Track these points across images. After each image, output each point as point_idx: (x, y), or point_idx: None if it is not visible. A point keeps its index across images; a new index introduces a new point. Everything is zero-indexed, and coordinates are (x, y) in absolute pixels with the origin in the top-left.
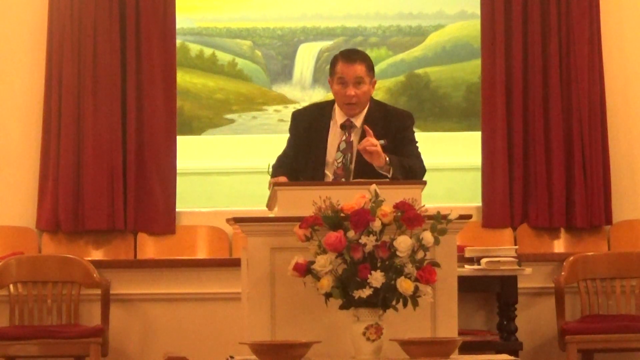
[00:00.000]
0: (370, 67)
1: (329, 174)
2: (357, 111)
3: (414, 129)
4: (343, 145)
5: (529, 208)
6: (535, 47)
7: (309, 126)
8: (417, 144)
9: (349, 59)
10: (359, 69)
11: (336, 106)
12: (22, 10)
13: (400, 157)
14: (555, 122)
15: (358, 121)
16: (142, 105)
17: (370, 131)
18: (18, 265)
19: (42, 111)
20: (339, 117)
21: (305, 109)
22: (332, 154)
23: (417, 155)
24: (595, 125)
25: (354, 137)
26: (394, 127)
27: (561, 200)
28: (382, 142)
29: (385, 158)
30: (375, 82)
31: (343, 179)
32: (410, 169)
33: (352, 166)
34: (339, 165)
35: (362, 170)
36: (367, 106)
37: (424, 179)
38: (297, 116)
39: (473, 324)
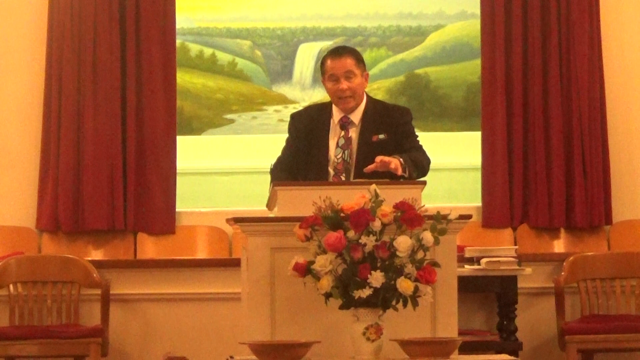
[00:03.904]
0: (359, 60)
1: (332, 172)
2: (352, 104)
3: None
4: (342, 141)
5: (529, 208)
6: (535, 47)
7: (309, 127)
8: (418, 137)
9: (336, 54)
10: (348, 62)
11: (334, 105)
12: (22, 10)
13: (405, 154)
14: (555, 122)
15: (356, 117)
16: (142, 105)
17: (386, 159)
18: (18, 265)
19: (42, 111)
20: (336, 115)
21: (304, 110)
22: (334, 152)
23: (420, 148)
24: (595, 125)
25: (353, 133)
26: (393, 122)
27: (561, 200)
28: (382, 136)
29: (400, 160)
30: (367, 75)
31: (343, 175)
32: (419, 162)
33: (352, 162)
34: (339, 160)
35: (362, 166)
36: (364, 102)
37: (426, 176)
38: (296, 118)
39: (473, 324)
